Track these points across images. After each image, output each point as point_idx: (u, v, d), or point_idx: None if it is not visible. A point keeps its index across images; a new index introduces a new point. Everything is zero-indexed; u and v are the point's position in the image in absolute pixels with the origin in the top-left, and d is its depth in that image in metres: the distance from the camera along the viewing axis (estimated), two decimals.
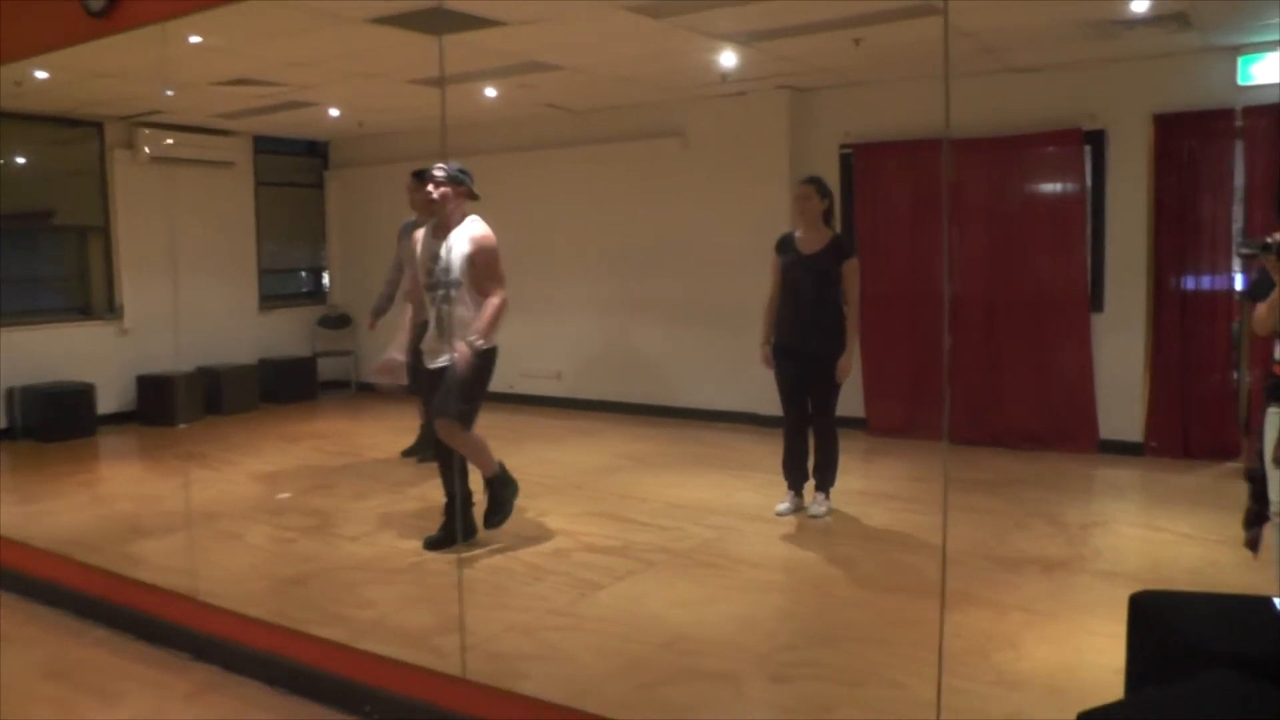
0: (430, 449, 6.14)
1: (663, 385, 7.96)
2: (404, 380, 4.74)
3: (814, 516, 5.14)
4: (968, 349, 6.69)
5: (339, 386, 9.73)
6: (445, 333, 4.53)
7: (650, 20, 5.13)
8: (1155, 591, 2.54)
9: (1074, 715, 2.04)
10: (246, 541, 5.02)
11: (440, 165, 4.54)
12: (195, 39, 4.68)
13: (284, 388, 9.17)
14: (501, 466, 4.66)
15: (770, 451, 6.35)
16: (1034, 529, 5.05)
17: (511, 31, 5.26)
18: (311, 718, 3.36)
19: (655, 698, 3.15)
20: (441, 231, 4.56)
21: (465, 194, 4.59)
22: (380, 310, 6.38)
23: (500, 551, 4.62)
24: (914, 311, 6.94)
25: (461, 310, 4.46)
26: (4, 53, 4.64)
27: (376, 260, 9.65)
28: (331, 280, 10.26)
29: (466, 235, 4.50)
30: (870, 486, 5.75)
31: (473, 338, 4.37)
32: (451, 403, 4.44)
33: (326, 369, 9.67)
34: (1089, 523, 5.29)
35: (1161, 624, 2.35)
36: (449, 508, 4.70)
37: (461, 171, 4.57)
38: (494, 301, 4.42)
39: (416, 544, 4.84)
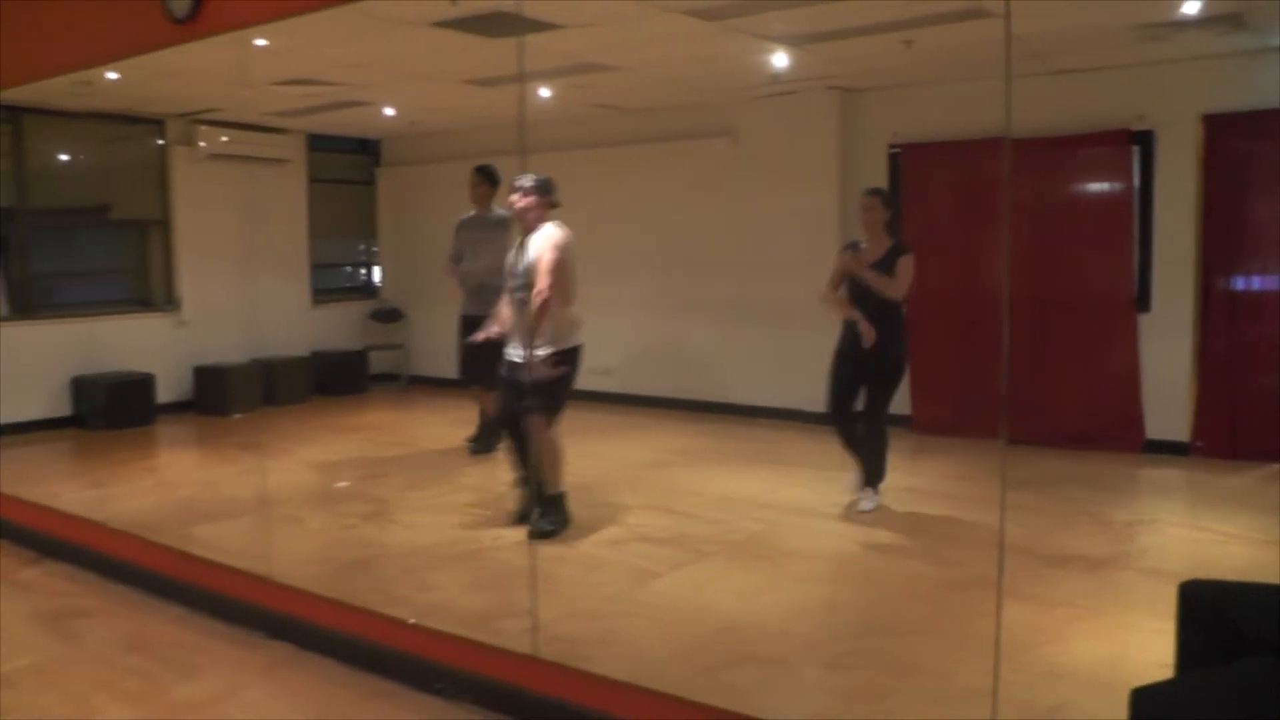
0: (489, 441, 6.36)
1: (711, 381, 8.05)
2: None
3: (862, 511, 5.24)
4: (1014, 348, 6.74)
5: (389, 379, 9.92)
6: (523, 332, 4.77)
7: (706, 23, 5.23)
8: (1205, 581, 2.61)
9: (1120, 707, 2.11)
10: (308, 527, 5.18)
11: (528, 176, 4.79)
12: (261, 41, 4.84)
13: (335, 380, 9.37)
14: (563, 496, 4.85)
15: (816, 448, 6.43)
16: (1079, 527, 5.10)
17: (571, 34, 5.38)
18: (384, 693, 3.50)
19: (716, 682, 3.26)
20: (524, 238, 4.81)
21: (547, 204, 4.83)
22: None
23: (558, 542, 4.74)
24: (961, 310, 7.00)
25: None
26: (89, 57, 4.83)
27: (427, 256, 9.84)
28: (383, 275, 10.46)
29: (541, 239, 4.72)
30: (917, 484, 5.82)
31: (540, 352, 4.64)
32: (533, 400, 4.69)
33: (377, 362, 9.87)
34: (1134, 521, 5.34)
35: (1211, 612, 2.42)
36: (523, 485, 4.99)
37: (545, 182, 4.82)
38: (535, 300, 4.63)
39: (475, 531, 5.00)
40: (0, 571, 4.98)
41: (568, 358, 4.78)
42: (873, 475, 5.29)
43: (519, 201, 4.80)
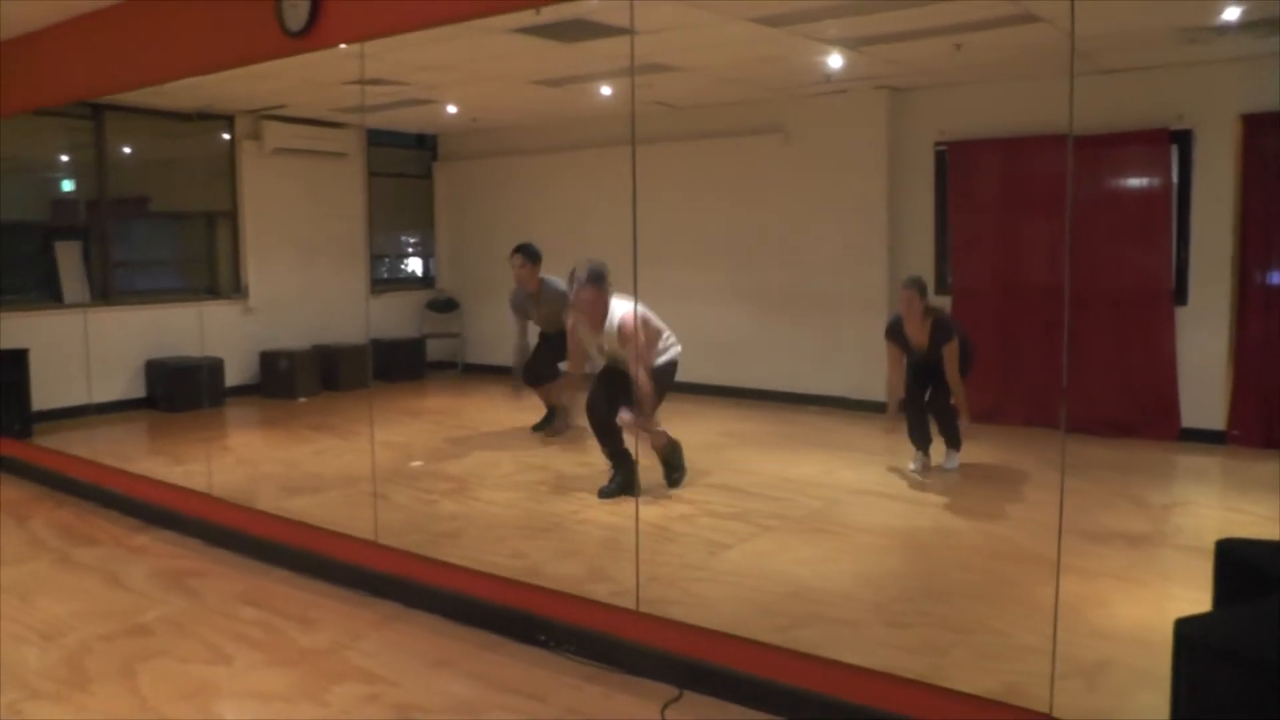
0: (554, 425, 6.90)
1: (759, 369, 8.33)
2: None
3: (947, 470, 5.86)
4: (1056, 339, 7.00)
5: (446, 367, 10.28)
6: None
7: (768, 28, 5.53)
8: (1239, 539, 2.91)
9: (1161, 663, 2.39)
10: (393, 501, 5.52)
11: (581, 270, 5.44)
12: (341, 44, 5.16)
13: (394, 367, 9.69)
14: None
15: (864, 433, 6.76)
16: (1118, 508, 5.36)
17: (639, 39, 5.68)
18: (493, 645, 3.86)
19: (789, 638, 3.56)
20: (597, 325, 5.46)
21: (606, 291, 5.43)
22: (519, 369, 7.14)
23: (631, 516, 5.07)
24: (1005, 303, 7.28)
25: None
26: (205, 64, 5.17)
27: (482, 247, 10.22)
28: (439, 266, 10.80)
29: (616, 324, 5.37)
30: (962, 468, 6.11)
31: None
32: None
33: (433, 350, 10.22)
34: (1171, 503, 5.62)
35: (1245, 563, 2.71)
36: (615, 465, 5.49)
37: (596, 272, 5.44)
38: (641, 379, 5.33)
39: (552, 506, 5.36)
40: (115, 537, 5.39)
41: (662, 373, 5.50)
42: (952, 440, 5.89)
43: (584, 296, 5.41)
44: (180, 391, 8.22)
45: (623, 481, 5.40)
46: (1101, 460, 6.35)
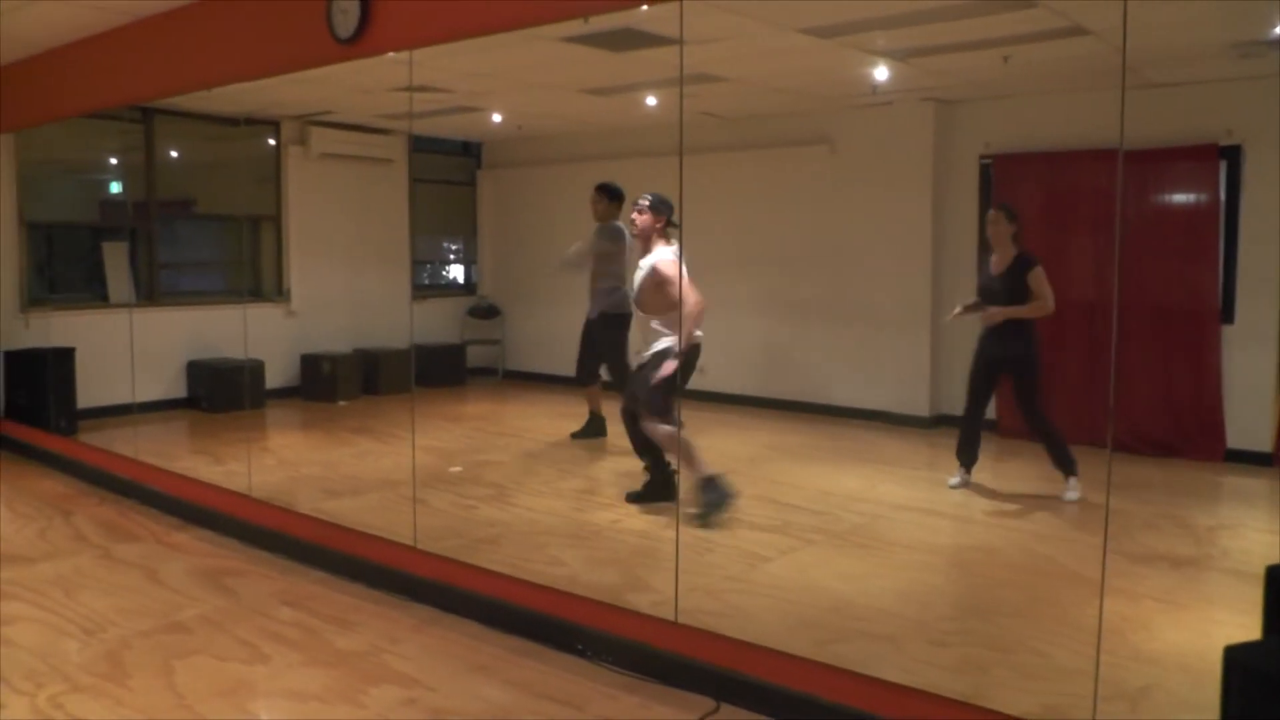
0: (593, 431, 6.95)
1: (802, 382, 8.31)
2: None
3: (1068, 500, 5.59)
4: (1100, 355, 6.93)
5: (486, 373, 10.32)
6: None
7: (817, 39, 5.52)
8: None
9: (1204, 689, 2.35)
10: (432, 506, 5.53)
11: (646, 196, 5.35)
12: (391, 52, 5.20)
13: (434, 372, 9.74)
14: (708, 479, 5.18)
15: (908, 448, 6.71)
16: (1162, 529, 5.28)
17: (688, 49, 5.68)
18: (531, 652, 3.85)
19: (829, 653, 3.53)
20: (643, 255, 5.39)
21: (663, 223, 5.31)
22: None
23: (672, 527, 5.06)
24: (1049, 319, 7.19)
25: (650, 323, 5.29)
26: (257, 69, 5.23)
27: (525, 255, 10.26)
28: (481, 272, 10.86)
29: (650, 264, 5.28)
30: (1004, 485, 6.06)
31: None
32: (642, 399, 5.26)
33: (474, 356, 10.27)
34: (1216, 526, 5.52)
35: None
36: (649, 470, 5.44)
37: (662, 202, 5.31)
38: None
39: (592, 514, 5.36)
40: (155, 534, 5.45)
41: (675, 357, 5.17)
42: (1064, 466, 5.61)
43: (637, 221, 5.35)
44: (221, 392, 8.34)
45: (653, 485, 5.38)
46: (1146, 480, 6.27)
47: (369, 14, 4.61)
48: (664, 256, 5.25)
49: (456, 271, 11.19)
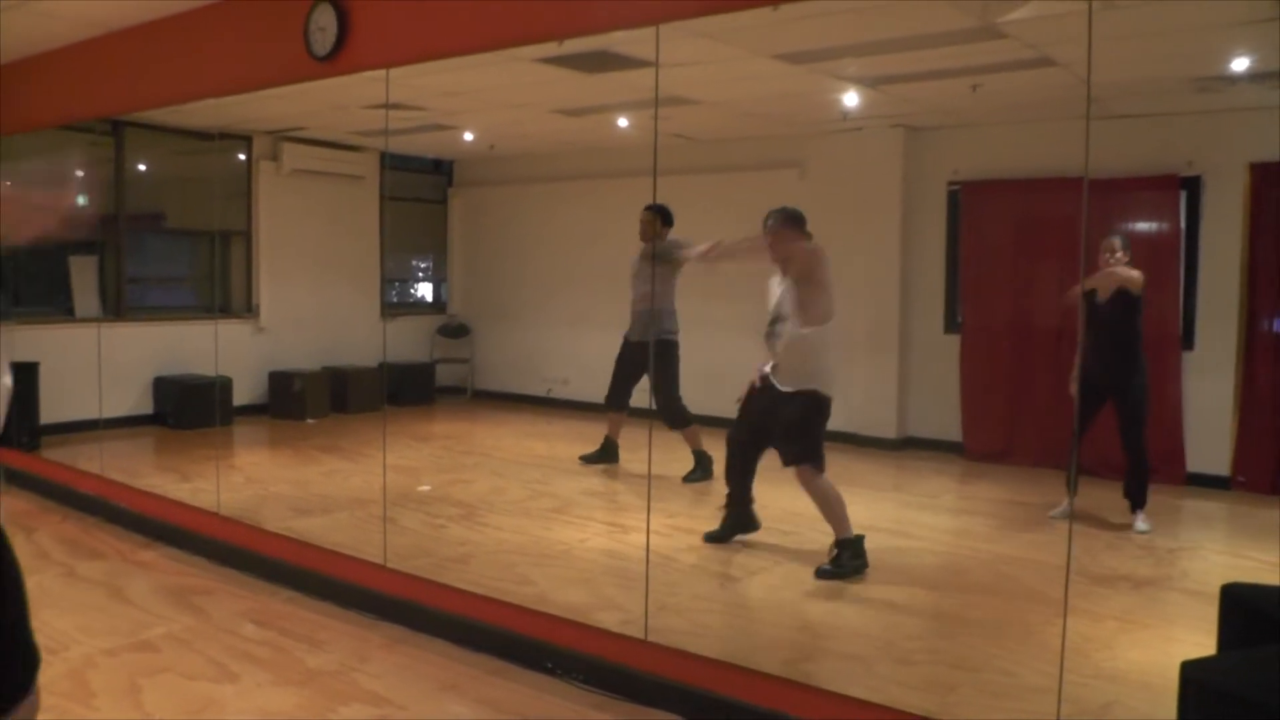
0: (604, 457, 6.88)
1: None
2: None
3: (1139, 532, 5.59)
4: (1064, 379, 7.03)
5: (455, 392, 10.30)
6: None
7: (789, 65, 5.60)
8: (1243, 584, 2.94)
9: (1165, 706, 2.40)
10: (401, 525, 5.52)
11: (775, 211, 5.05)
12: (367, 70, 5.23)
13: (404, 391, 9.72)
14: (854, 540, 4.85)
15: (876, 469, 6.76)
16: (1124, 550, 5.36)
17: (662, 71, 5.74)
18: (501, 670, 3.85)
19: (797, 672, 3.57)
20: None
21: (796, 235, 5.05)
22: None
23: (639, 547, 5.07)
24: (1014, 342, 7.32)
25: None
26: (233, 85, 5.23)
27: (495, 273, 10.27)
28: (451, 291, 10.85)
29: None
30: (971, 506, 6.13)
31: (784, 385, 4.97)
32: (790, 448, 4.98)
33: (442, 375, 10.25)
34: (1176, 547, 5.61)
35: (1250, 608, 2.73)
36: (730, 503, 5.20)
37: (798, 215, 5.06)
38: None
39: (560, 534, 5.37)
40: (121, 552, 5.40)
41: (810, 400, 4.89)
42: (1136, 498, 5.68)
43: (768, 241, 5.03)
44: (189, 409, 8.27)
45: (736, 519, 5.18)
46: (1107, 502, 6.35)
47: (346, 32, 4.64)
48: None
49: (425, 290, 11.18)
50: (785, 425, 4.85)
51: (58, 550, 5.40)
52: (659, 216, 6.76)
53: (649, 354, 6.66)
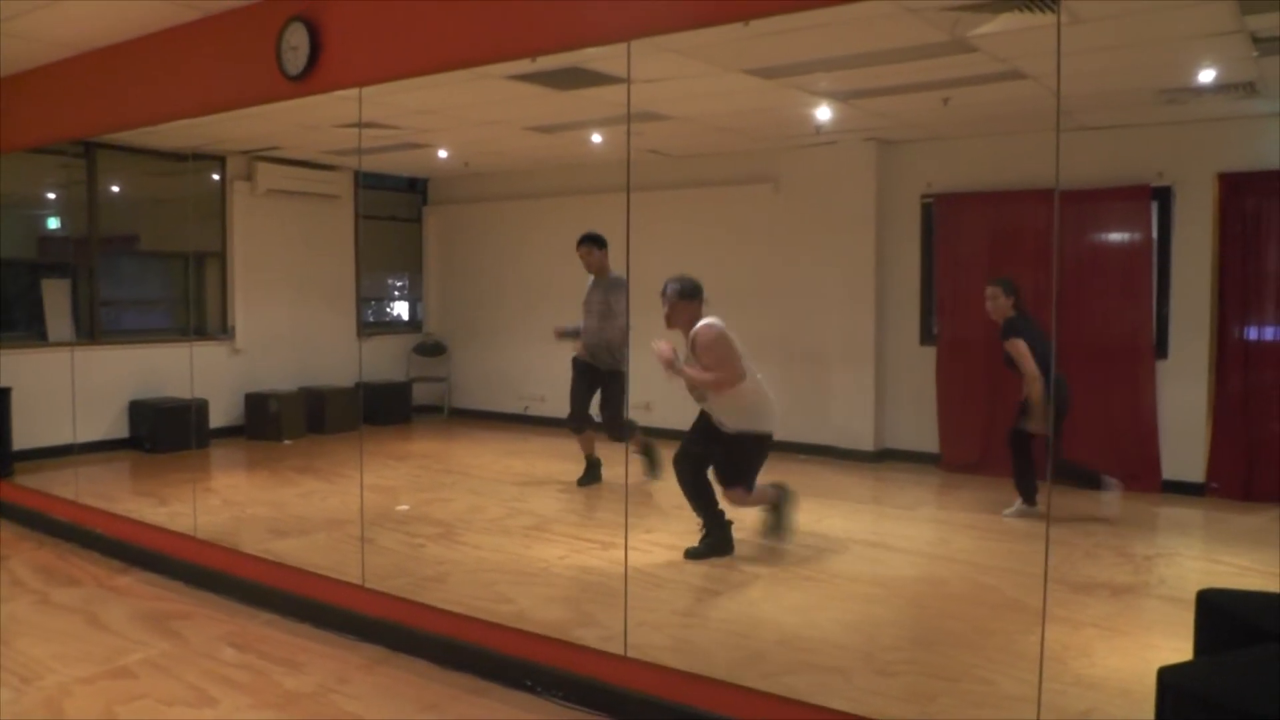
0: (592, 477, 6.96)
1: None
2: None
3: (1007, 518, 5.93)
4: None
5: (432, 411, 10.27)
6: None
7: (761, 79, 5.63)
8: (1219, 589, 2.97)
9: (1143, 712, 2.42)
10: (379, 545, 5.50)
11: (673, 281, 5.53)
12: (340, 90, 5.22)
13: (380, 410, 9.69)
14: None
15: (853, 481, 6.78)
16: (1102, 558, 5.40)
17: (634, 87, 5.76)
18: (482, 690, 3.84)
19: (778, 685, 3.56)
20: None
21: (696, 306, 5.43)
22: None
23: (618, 563, 5.07)
24: (989, 354, 7.35)
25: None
26: (206, 105, 5.22)
27: (471, 291, 10.25)
28: (427, 310, 10.82)
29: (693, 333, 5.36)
30: (949, 516, 6.16)
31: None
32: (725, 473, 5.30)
33: (420, 394, 10.21)
34: (1153, 554, 5.65)
35: (1225, 613, 2.76)
36: (708, 527, 5.34)
37: (695, 287, 5.51)
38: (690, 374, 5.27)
39: (539, 552, 5.35)
40: (97, 578, 5.34)
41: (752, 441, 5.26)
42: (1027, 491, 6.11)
43: (666, 309, 5.46)
44: (165, 432, 8.18)
45: (714, 543, 5.27)
46: (1085, 511, 6.38)
47: (318, 51, 4.64)
48: (705, 321, 5.36)
49: (401, 308, 11.15)
50: (727, 456, 5.26)
51: (32, 578, 5.34)
52: (594, 245, 6.88)
53: (598, 373, 6.86)
